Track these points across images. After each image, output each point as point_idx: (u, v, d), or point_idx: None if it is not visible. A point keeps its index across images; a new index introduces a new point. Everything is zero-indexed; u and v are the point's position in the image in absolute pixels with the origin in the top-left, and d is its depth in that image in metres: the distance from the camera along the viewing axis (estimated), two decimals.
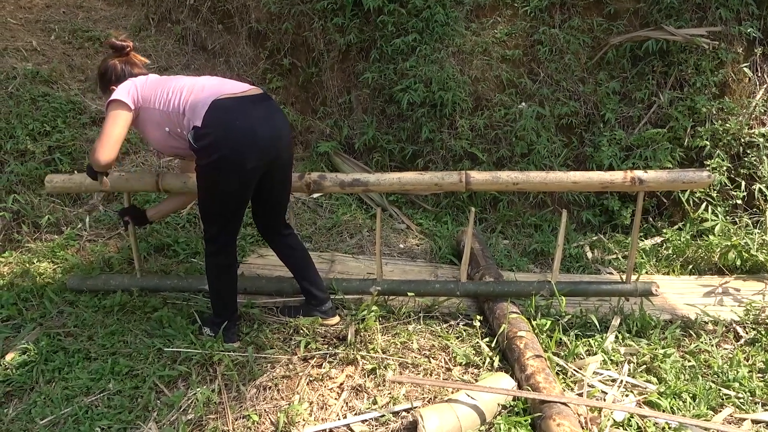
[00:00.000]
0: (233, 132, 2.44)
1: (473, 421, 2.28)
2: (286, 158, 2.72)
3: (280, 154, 2.63)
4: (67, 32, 5.18)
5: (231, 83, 2.60)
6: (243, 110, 2.49)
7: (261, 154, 2.51)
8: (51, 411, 2.40)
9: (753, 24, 4.55)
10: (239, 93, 2.53)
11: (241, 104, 2.50)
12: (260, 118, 2.52)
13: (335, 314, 3.01)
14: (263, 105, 2.57)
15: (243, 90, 2.56)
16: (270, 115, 2.57)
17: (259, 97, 2.58)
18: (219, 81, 2.62)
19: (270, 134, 2.54)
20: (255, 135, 2.47)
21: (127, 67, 2.71)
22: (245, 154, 2.46)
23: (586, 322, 3.03)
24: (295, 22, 5.14)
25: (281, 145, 2.62)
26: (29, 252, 3.63)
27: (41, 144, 4.14)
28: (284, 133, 2.64)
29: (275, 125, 2.58)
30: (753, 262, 3.78)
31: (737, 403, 2.53)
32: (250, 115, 2.49)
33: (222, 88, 2.54)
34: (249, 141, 2.46)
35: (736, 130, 4.42)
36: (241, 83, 2.62)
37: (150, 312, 3.04)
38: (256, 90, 2.61)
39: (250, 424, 2.33)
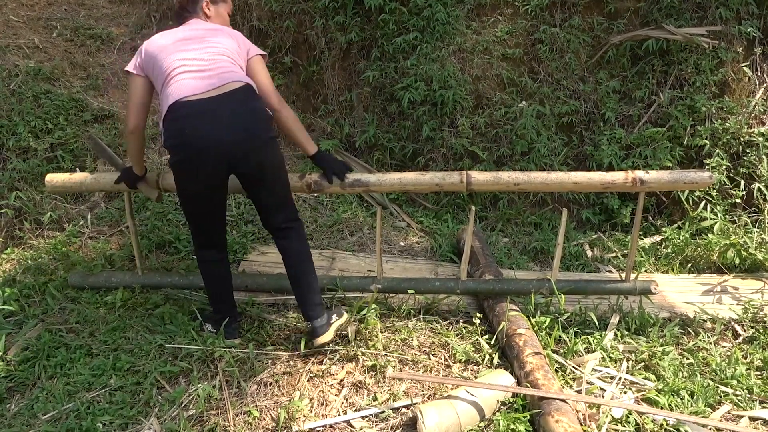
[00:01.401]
0: (187, 138, 2.39)
1: (472, 417, 2.29)
2: (257, 160, 2.51)
3: (247, 157, 2.47)
4: (69, 30, 5.19)
5: (198, 79, 2.43)
6: (200, 115, 2.38)
7: (217, 160, 2.43)
8: (53, 406, 2.42)
9: (753, 23, 4.56)
10: (200, 95, 2.39)
11: (200, 109, 2.38)
12: (219, 123, 2.38)
13: (324, 333, 2.65)
14: (228, 107, 2.40)
15: (208, 88, 2.41)
16: (232, 119, 2.41)
17: (225, 97, 2.41)
18: (189, 72, 2.45)
19: (228, 139, 2.40)
20: (209, 141, 2.38)
21: (183, 9, 2.78)
22: (198, 161, 2.42)
23: (586, 319, 3.04)
24: (297, 20, 5.15)
25: (246, 149, 2.46)
26: (31, 249, 3.64)
27: (43, 141, 4.16)
28: (249, 135, 2.45)
29: (236, 129, 2.41)
30: (752, 261, 3.79)
31: (735, 400, 2.55)
32: (206, 122, 2.37)
33: (187, 85, 2.41)
34: (202, 148, 2.39)
35: (735, 129, 4.43)
36: (214, 72, 2.46)
37: (151, 309, 3.06)
38: (226, 85, 2.43)
39: (250, 420, 2.35)
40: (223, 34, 2.64)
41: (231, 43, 2.62)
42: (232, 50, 2.59)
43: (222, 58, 2.53)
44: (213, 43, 2.57)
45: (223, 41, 2.60)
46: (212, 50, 2.54)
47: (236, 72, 2.52)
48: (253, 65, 2.66)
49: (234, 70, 2.52)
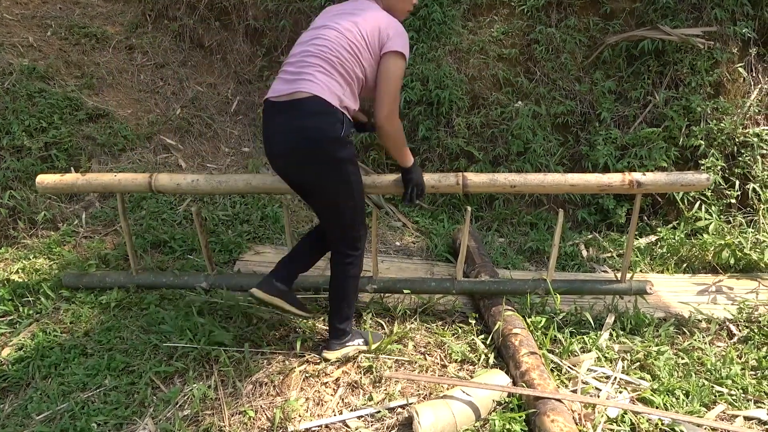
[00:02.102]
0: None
1: (468, 417, 2.29)
2: (298, 180, 2.50)
3: (287, 174, 2.49)
4: (63, 28, 5.17)
5: (285, 79, 2.37)
6: (267, 119, 2.42)
7: (274, 165, 2.50)
8: (47, 406, 2.41)
9: (748, 24, 4.57)
10: (274, 97, 2.36)
11: (268, 112, 2.41)
12: (272, 132, 2.39)
13: (331, 349, 2.66)
14: (285, 115, 2.33)
15: (279, 93, 2.34)
16: (276, 133, 2.37)
17: (283, 107, 2.33)
18: (282, 71, 2.42)
19: (271, 151, 2.43)
20: (267, 147, 2.45)
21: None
22: (269, 160, 2.51)
23: (581, 319, 3.04)
24: (292, 19, 5.14)
25: (284, 165, 2.45)
26: (25, 248, 3.63)
27: (37, 140, 4.14)
28: (290, 154, 2.36)
29: (277, 144, 2.38)
30: (746, 261, 3.80)
31: (730, 400, 2.56)
32: (268, 127, 2.41)
33: (273, 86, 2.41)
34: (266, 150, 2.48)
35: (730, 129, 4.44)
36: (295, 75, 2.35)
37: (146, 308, 3.04)
38: (293, 94, 2.31)
39: (246, 420, 2.34)
40: (364, 20, 2.39)
41: (363, 32, 2.36)
42: (353, 43, 2.35)
43: (316, 58, 2.33)
44: (333, 31, 2.37)
45: (353, 29, 2.36)
46: (321, 47, 2.35)
47: (313, 81, 2.29)
48: (382, 64, 2.39)
49: (313, 79, 2.30)
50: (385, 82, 2.37)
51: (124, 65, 5.11)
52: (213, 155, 4.84)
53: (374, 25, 2.37)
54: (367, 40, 2.36)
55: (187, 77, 5.23)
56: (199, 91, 5.19)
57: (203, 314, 2.95)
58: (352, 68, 2.36)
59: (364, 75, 2.41)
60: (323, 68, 2.32)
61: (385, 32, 2.37)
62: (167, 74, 5.20)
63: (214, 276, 3.24)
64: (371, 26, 2.37)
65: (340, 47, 2.34)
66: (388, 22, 2.41)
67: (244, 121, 5.20)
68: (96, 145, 4.37)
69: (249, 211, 4.23)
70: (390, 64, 2.37)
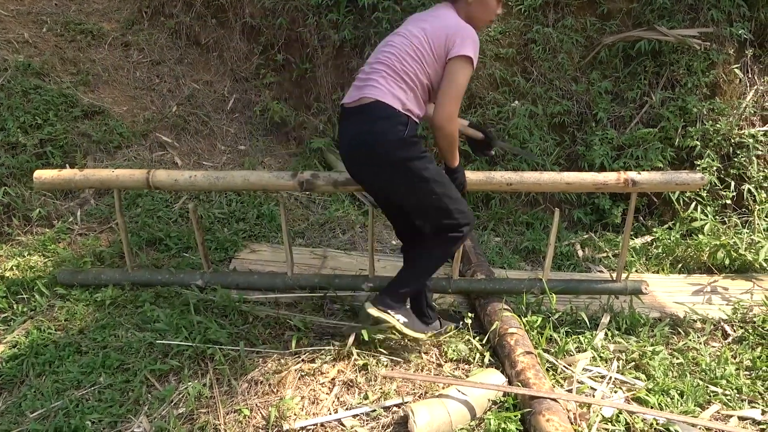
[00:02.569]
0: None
1: (463, 416, 2.29)
2: (367, 181, 2.62)
3: (362, 178, 2.62)
4: (59, 25, 5.15)
5: (356, 85, 2.51)
6: (340, 125, 2.59)
7: (345, 165, 2.64)
8: (41, 404, 2.40)
9: (744, 25, 4.59)
10: (347, 102, 2.51)
11: (341, 118, 2.58)
12: (342, 134, 2.57)
13: (372, 306, 2.65)
14: (351, 120, 2.48)
15: (351, 99, 2.48)
16: (347, 137, 2.51)
17: (352, 111, 2.47)
18: (358, 77, 2.54)
19: (344, 157, 2.59)
20: (341, 153, 2.62)
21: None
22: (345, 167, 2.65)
23: (576, 319, 3.05)
24: (289, 17, 5.13)
25: (352, 167, 2.59)
26: (20, 245, 3.61)
27: (32, 137, 4.12)
28: (358, 154, 2.49)
29: (345, 147, 2.55)
30: (741, 262, 3.81)
31: (724, 400, 2.56)
32: (340, 133, 2.58)
33: (349, 92, 2.55)
34: (341, 156, 2.64)
35: (726, 130, 4.45)
36: (361, 83, 2.48)
37: (141, 306, 3.03)
38: (361, 99, 2.43)
39: (241, 418, 2.33)
40: (432, 26, 2.42)
41: (429, 38, 2.40)
42: (417, 49, 2.40)
43: (382, 65, 2.42)
44: (401, 38, 2.45)
45: (420, 35, 2.41)
46: (387, 53, 2.44)
47: (376, 87, 2.40)
48: (447, 67, 2.40)
49: (377, 85, 2.40)
50: (447, 83, 2.39)
51: (119, 62, 5.10)
52: (209, 153, 4.83)
53: (442, 32, 2.39)
54: (432, 46, 2.40)
55: (183, 75, 5.22)
56: (196, 89, 5.18)
57: (199, 312, 2.94)
58: (416, 74, 2.42)
59: (429, 81, 2.46)
60: (387, 74, 2.41)
61: (452, 38, 2.38)
62: (163, 71, 5.19)
63: (209, 274, 3.23)
64: (438, 33, 2.39)
65: (404, 53, 2.41)
66: (457, 28, 2.41)
67: (240, 119, 5.19)
68: (91, 142, 4.35)
69: (245, 209, 4.22)
70: (455, 67, 2.38)
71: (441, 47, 2.39)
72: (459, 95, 2.41)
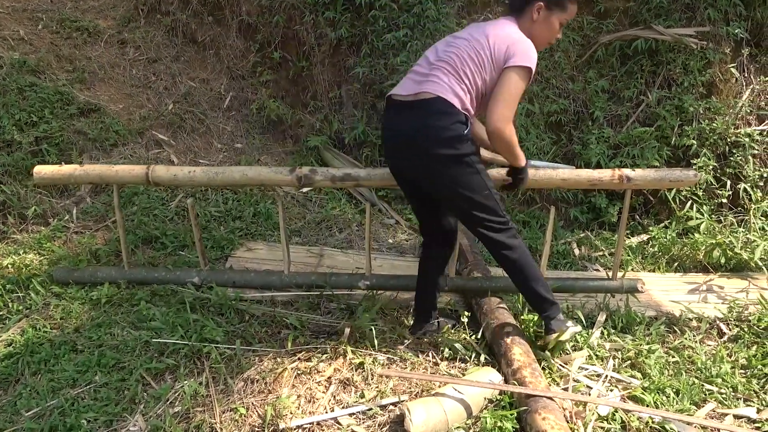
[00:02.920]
0: (382, 131, 2.64)
1: (460, 414, 2.29)
2: (412, 170, 2.56)
3: (404, 166, 2.59)
4: (54, 22, 5.13)
5: (413, 79, 2.49)
6: (390, 118, 2.55)
7: (390, 163, 2.69)
8: (36, 403, 2.39)
9: (740, 25, 4.59)
10: (399, 96, 2.49)
11: (391, 111, 2.54)
12: (391, 126, 2.54)
13: (558, 330, 2.66)
14: (405, 114, 2.46)
15: (407, 92, 2.46)
16: (397, 130, 2.50)
17: (411, 104, 2.44)
18: (411, 72, 2.55)
19: (389, 143, 2.58)
20: (388, 145, 2.60)
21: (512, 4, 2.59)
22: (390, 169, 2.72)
23: (573, 317, 3.05)
24: (286, 15, 5.12)
25: (401, 156, 2.56)
26: (15, 243, 3.60)
27: (28, 134, 4.10)
28: (410, 144, 2.46)
29: (397, 141, 2.52)
30: (737, 261, 3.82)
31: (720, 398, 2.57)
32: (391, 126, 2.54)
33: (401, 84, 2.54)
34: (386, 149, 2.64)
35: (722, 129, 4.46)
36: (424, 77, 2.45)
37: (137, 305, 3.02)
38: (419, 94, 2.42)
39: (237, 417, 2.33)
40: (496, 34, 2.41)
41: (491, 44, 2.40)
42: (479, 53, 2.40)
43: (443, 62, 2.43)
44: (464, 41, 2.45)
45: (483, 41, 2.41)
46: (449, 52, 2.44)
47: (438, 83, 2.40)
48: (503, 74, 2.39)
49: (439, 81, 2.40)
50: (501, 88, 2.38)
51: (116, 60, 5.08)
52: (205, 151, 4.81)
53: (504, 41, 2.39)
54: (493, 53, 2.39)
55: (179, 72, 5.20)
56: (192, 87, 5.16)
57: (195, 310, 2.94)
58: (473, 77, 2.42)
59: (484, 87, 2.45)
60: (448, 71, 2.42)
61: (513, 49, 2.38)
62: (159, 69, 5.17)
63: (206, 272, 3.22)
64: (501, 41, 2.39)
65: (466, 55, 2.41)
66: (519, 40, 2.41)
67: (236, 117, 5.18)
68: (87, 140, 4.34)
69: (241, 208, 4.21)
70: (511, 74, 2.37)
71: (501, 55, 2.39)
72: (513, 101, 2.39)
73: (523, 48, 2.39)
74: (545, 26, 2.50)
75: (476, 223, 2.58)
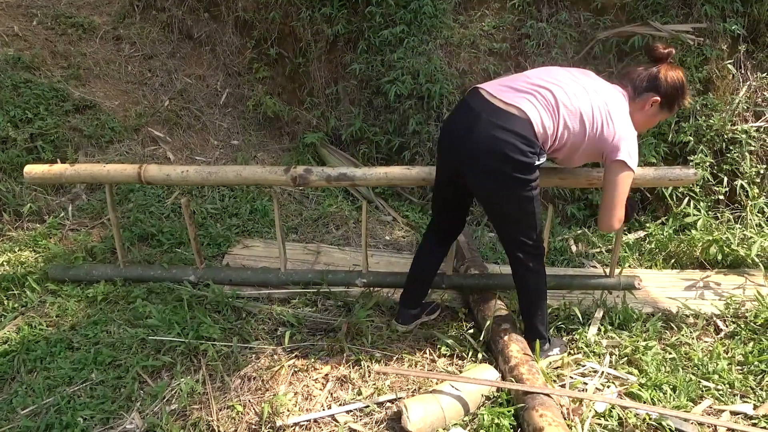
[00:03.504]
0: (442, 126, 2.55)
1: (457, 411, 2.29)
2: (468, 177, 2.42)
3: (458, 170, 2.44)
4: (49, 18, 5.10)
5: (513, 88, 2.36)
6: (467, 110, 2.38)
7: (442, 157, 2.55)
8: (32, 401, 2.38)
9: (737, 21, 4.59)
10: (489, 94, 2.35)
11: (472, 104, 2.37)
12: (464, 120, 2.37)
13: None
14: (485, 118, 2.29)
15: (501, 97, 2.32)
16: (464, 128, 2.35)
17: (498, 111, 2.29)
18: (518, 80, 2.41)
19: (447, 145, 2.46)
20: (442, 137, 2.50)
21: (626, 76, 2.51)
22: (439, 149, 2.57)
23: (570, 314, 3.05)
24: (283, 11, 5.10)
25: (458, 163, 2.43)
26: (10, 241, 3.58)
27: (23, 131, 4.08)
28: (467, 151, 2.34)
29: (458, 137, 2.38)
30: (734, 257, 3.82)
31: (716, 394, 2.57)
32: (466, 118, 2.36)
33: (500, 82, 2.42)
34: (440, 139, 2.52)
35: (719, 126, 4.46)
36: (521, 90, 2.34)
37: (133, 302, 3.01)
38: (514, 106, 2.29)
39: (234, 414, 2.33)
40: (616, 120, 2.32)
41: (601, 124, 2.31)
42: (590, 120, 2.30)
43: (553, 95, 2.30)
44: (586, 96, 2.32)
45: (600, 116, 2.31)
46: (567, 93, 2.31)
47: (533, 106, 2.28)
48: (611, 169, 2.36)
49: (534, 103, 2.29)
50: (612, 189, 2.37)
51: (111, 56, 5.06)
52: (202, 148, 4.80)
53: (615, 131, 2.31)
54: (598, 134, 2.32)
55: (175, 69, 5.18)
56: (188, 83, 5.15)
57: (191, 308, 2.93)
58: (566, 135, 2.34)
59: (573, 147, 2.38)
60: (549, 105, 2.30)
61: (620, 143, 2.31)
62: (155, 65, 5.15)
63: (202, 269, 3.21)
64: (612, 129, 2.31)
65: (579, 114, 2.31)
66: (629, 136, 2.34)
67: (233, 113, 5.17)
68: (83, 136, 4.32)
69: (238, 205, 4.20)
70: (621, 173, 2.34)
71: (608, 143, 2.32)
72: (621, 202, 2.39)
73: (631, 145, 2.33)
74: (649, 119, 2.49)
75: (512, 240, 2.55)
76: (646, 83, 2.42)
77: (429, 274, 2.90)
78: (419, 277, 2.89)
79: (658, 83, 2.40)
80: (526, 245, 2.53)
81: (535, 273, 2.59)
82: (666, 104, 2.44)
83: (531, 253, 2.55)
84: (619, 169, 2.34)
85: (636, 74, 2.45)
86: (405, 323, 2.90)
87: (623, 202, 2.40)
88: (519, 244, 2.53)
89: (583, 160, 2.50)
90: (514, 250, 2.56)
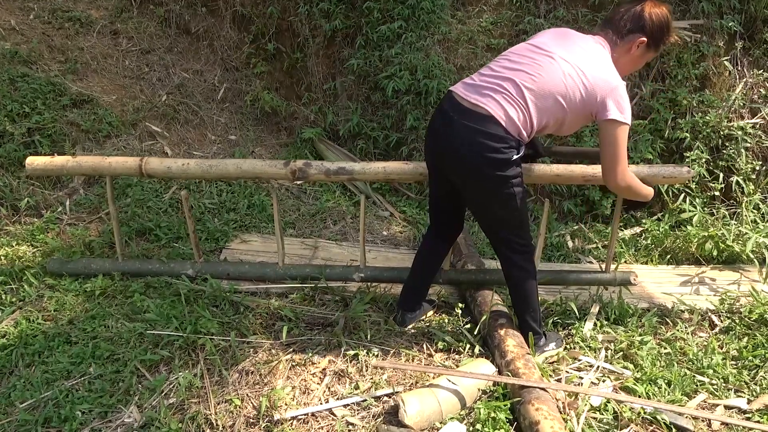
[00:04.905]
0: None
1: (454, 405, 2.31)
2: (450, 175, 2.46)
3: (446, 173, 2.48)
4: (46, 12, 5.08)
5: (477, 85, 2.34)
6: (443, 113, 2.38)
7: (430, 161, 2.60)
8: (31, 394, 2.39)
9: (734, 18, 4.60)
10: (459, 96, 2.35)
11: (446, 107, 2.37)
12: (447, 131, 2.36)
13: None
14: (463, 121, 2.29)
15: (467, 97, 2.32)
16: (442, 133, 2.37)
17: (467, 112, 2.29)
18: (483, 74, 2.38)
19: (432, 147, 2.49)
20: (427, 141, 2.53)
21: (608, 21, 2.43)
22: (425, 153, 2.61)
23: (566, 309, 3.07)
24: (280, 6, 5.09)
25: (442, 166, 2.47)
26: (8, 235, 3.58)
27: (20, 126, 4.07)
28: (448, 156, 2.37)
29: (439, 143, 2.41)
30: (729, 253, 3.84)
31: (711, 389, 2.59)
32: (444, 123, 2.37)
33: (467, 83, 2.39)
34: (426, 144, 2.55)
35: (715, 122, 4.48)
36: (484, 87, 2.31)
37: (131, 296, 3.02)
38: (477, 105, 2.27)
39: (232, 408, 2.34)
40: (593, 77, 2.24)
41: (588, 88, 2.24)
42: (570, 91, 2.24)
43: (515, 87, 2.26)
44: (553, 66, 2.25)
45: (579, 81, 2.24)
46: (527, 71, 2.27)
47: (497, 103, 2.26)
48: (605, 129, 2.29)
49: (498, 99, 2.26)
50: (609, 147, 2.29)
51: (108, 50, 5.04)
52: (199, 143, 4.80)
53: (599, 90, 2.24)
54: (585, 100, 2.26)
55: (173, 63, 5.17)
56: (186, 78, 5.14)
57: (189, 302, 2.94)
58: (543, 117, 2.30)
59: (557, 123, 2.34)
60: (512, 97, 2.26)
61: (607, 99, 2.25)
62: (153, 60, 5.14)
63: (200, 264, 3.22)
64: (596, 89, 2.24)
65: (548, 92, 2.25)
66: (615, 87, 2.25)
67: (230, 108, 5.16)
68: (80, 131, 4.31)
69: (236, 200, 4.20)
70: (614, 130, 2.27)
71: (593, 104, 2.26)
72: (624, 155, 2.32)
73: (618, 98, 2.25)
74: (636, 60, 2.41)
75: (500, 239, 2.58)
76: (630, 24, 2.32)
77: (428, 278, 2.92)
78: (419, 281, 2.91)
79: (643, 23, 2.31)
80: (514, 243, 2.55)
81: (524, 271, 2.60)
82: (653, 44, 2.36)
83: (519, 252, 2.56)
84: (612, 128, 2.27)
85: (618, 16, 2.35)
86: (403, 324, 2.91)
87: (625, 154, 2.32)
88: (507, 243, 2.55)
89: (579, 125, 2.43)
90: (503, 249, 2.58)
